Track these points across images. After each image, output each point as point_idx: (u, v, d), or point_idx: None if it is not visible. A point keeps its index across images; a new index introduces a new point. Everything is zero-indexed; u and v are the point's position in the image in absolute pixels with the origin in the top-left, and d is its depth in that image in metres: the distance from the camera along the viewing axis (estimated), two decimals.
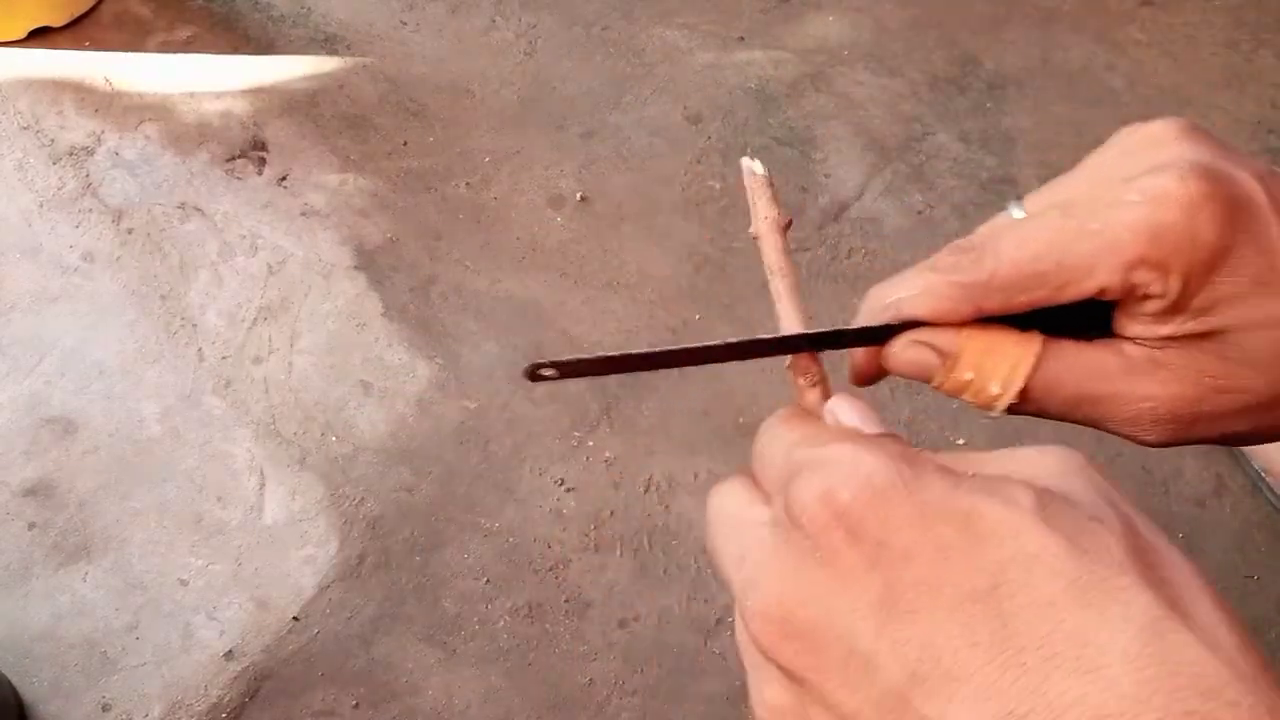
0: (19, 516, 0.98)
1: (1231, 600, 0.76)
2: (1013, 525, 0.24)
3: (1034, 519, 0.24)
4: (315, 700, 0.90)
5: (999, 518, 0.24)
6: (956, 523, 0.24)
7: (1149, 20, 1.35)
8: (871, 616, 0.24)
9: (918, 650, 0.23)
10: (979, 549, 0.24)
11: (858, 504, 0.25)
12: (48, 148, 1.22)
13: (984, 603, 0.23)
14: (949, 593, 0.23)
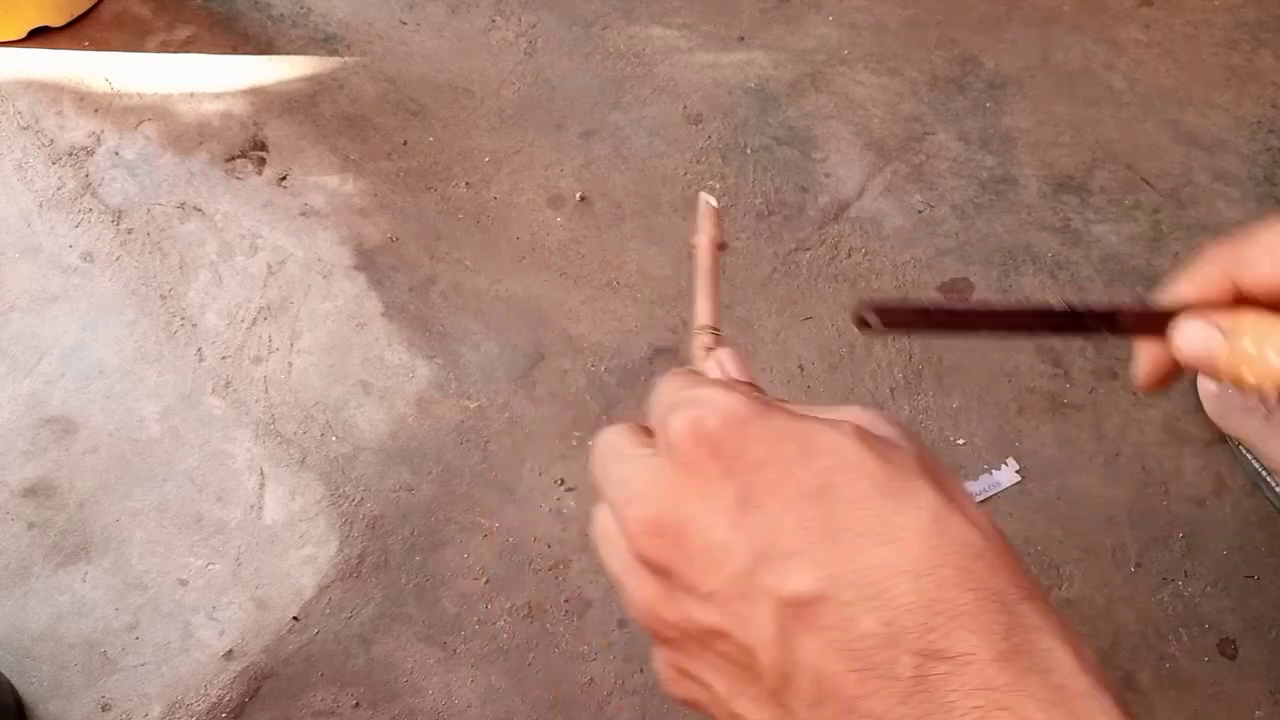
0: (18, 516, 0.98)
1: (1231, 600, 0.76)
2: (838, 443, 0.31)
3: (854, 439, 0.31)
4: (315, 700, 0.90)
5: (829, 438, 0.31)
6: (797, 441, 0.31)
7: (1149, 20, 1.35)
8: (727, 514, 0.30)
9: (764, 536, 0.29)
10: (813, 459, 0.30)
11: (720, 429, 0.31)
12: (47, 148, 1.22)
13: (815, 498, 0.30)
14: (789, 492, 0.30)
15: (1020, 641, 0.28)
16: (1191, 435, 1.02)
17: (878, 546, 0.29)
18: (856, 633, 0.28)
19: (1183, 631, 0.93)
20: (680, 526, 0.31)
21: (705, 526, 0.30)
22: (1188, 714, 0.90)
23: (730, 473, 0.30)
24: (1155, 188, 1.20)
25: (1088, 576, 0.95)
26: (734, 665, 0.31)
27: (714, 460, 0.31)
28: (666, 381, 0.36)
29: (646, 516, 0.31)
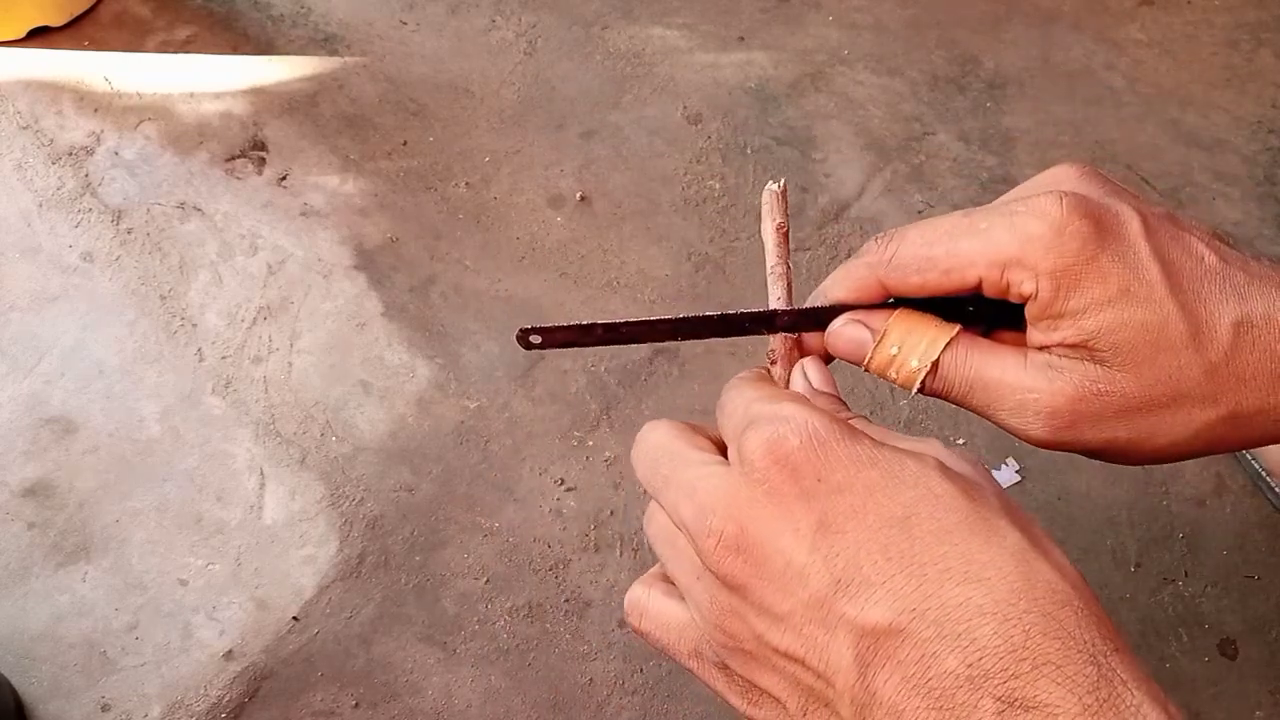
0: (18, 516, 0.98)
1: (1232, 600, 0.77)
2: (923, 474, 0.30)
3: (939, 472, 0.30)
4: (315, 700, 0.90)
5: (913, 469, 0.30)
6: (880, 469, 0.30)
7: (1149, 20, 1.35)
8: (808, 537, 0.30)
9: (843, 562, 0.29)
10: (897, 488, 0.30)
11: (802, 449, 0.31)
12: (47, 147, 1.22)
13: (898, 528, 0.29)
14: (872, 519, 0.29)
15: (1108, 696, 0.27)
16: None
17: (961, 584, 0.28)
18: (937, 671, 0.27)
19: (1183, 631, 0.93)
20: (759, 546, 0.30)
21: (784, 548, 0.30)
22: (1188, 714, 0.90)
23: (811, 495, 0.30)
24: (1155, 188, 1.20)
25: (1088, 576, 0.95)
26: (806, 689, 0.30)
27: (794, 482, 0.30)
28: (740, 389, 0.36)
29: (726, 532, 0.31)
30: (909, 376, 0.38)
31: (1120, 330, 0.34)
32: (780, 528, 0.30)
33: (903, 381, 0.39)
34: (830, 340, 0.40)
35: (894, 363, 0.38)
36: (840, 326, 0.39)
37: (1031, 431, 0.36)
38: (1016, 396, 0.36)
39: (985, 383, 0.37)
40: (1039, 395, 0.36)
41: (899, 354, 0.38)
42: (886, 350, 0.39)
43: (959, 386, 0.37)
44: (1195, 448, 0.36)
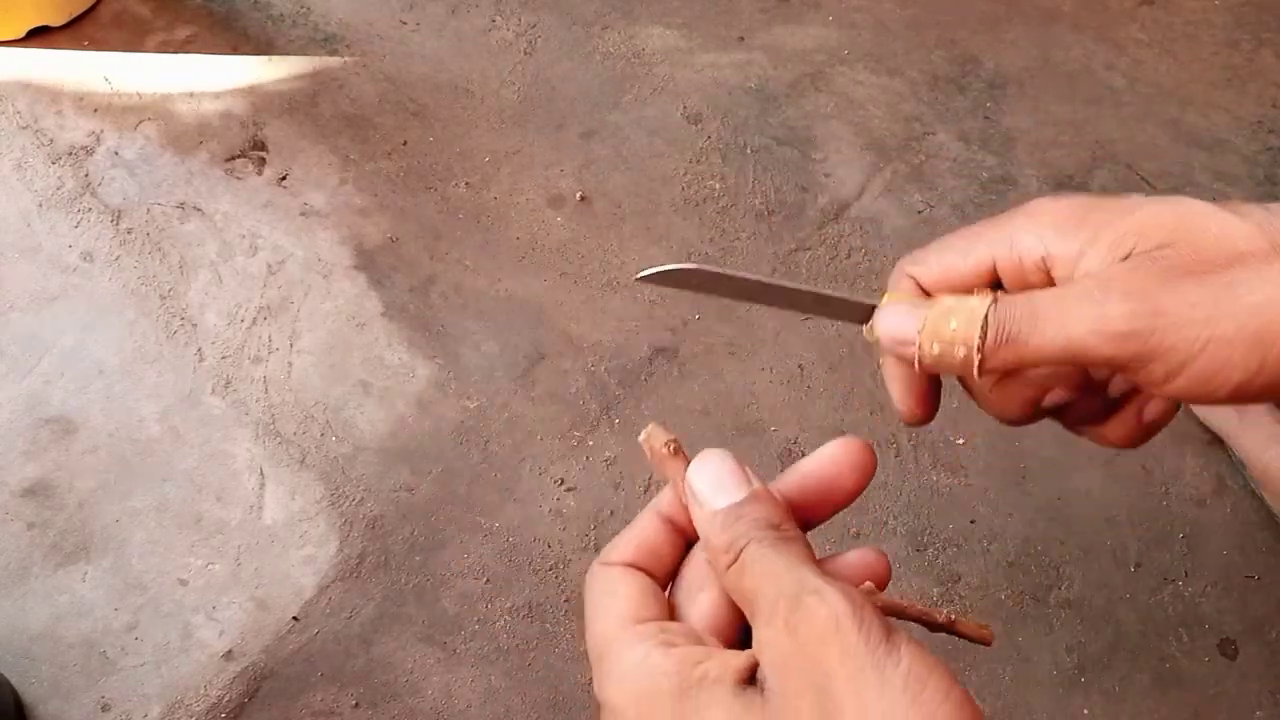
0: (18, 516, 0.98)
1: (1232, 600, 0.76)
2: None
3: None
4: (315, 700, 0.90)
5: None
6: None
7: (1149, 19, 1.35)
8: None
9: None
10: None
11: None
12: (47, 147, 1.22)
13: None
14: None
15: None
16: (1191, 435, 1.02)
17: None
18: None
19: (1183, 631, 0.93)
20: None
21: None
22: (1188, 714, 0.90)
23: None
24: (1155, 187, 1.20)
25: (1088, 577, 0.95)
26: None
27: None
28: (589, 598, 0.35)
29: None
30: (970, 318, 0.36)
31: (1143, 224, 0.34)
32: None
33: (964, 329, 0.36)
34: (883, 322, 0.39)
35: (950, 313, 0.37)
36: (889, 306, 0.39)
37: (1110, 309, 0.33)
38: (1083, 285, 0.34)
39: (1050, 293, 0.35)
40: (1102, 275, 0.34)
41: (954, 305, 0.37)
42: (943, 306, 0.37)
43: (1024, 308, 0.35)
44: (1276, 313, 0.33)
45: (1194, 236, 0.33)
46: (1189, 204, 0.34)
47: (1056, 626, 0.93)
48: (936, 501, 0.99)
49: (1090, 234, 0.35)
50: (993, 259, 0.37)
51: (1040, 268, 0.36)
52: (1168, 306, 0.33)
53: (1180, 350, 0.33)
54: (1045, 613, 0.94)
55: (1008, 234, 0.37)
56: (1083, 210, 0.36)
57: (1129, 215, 0.35)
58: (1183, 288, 0.33)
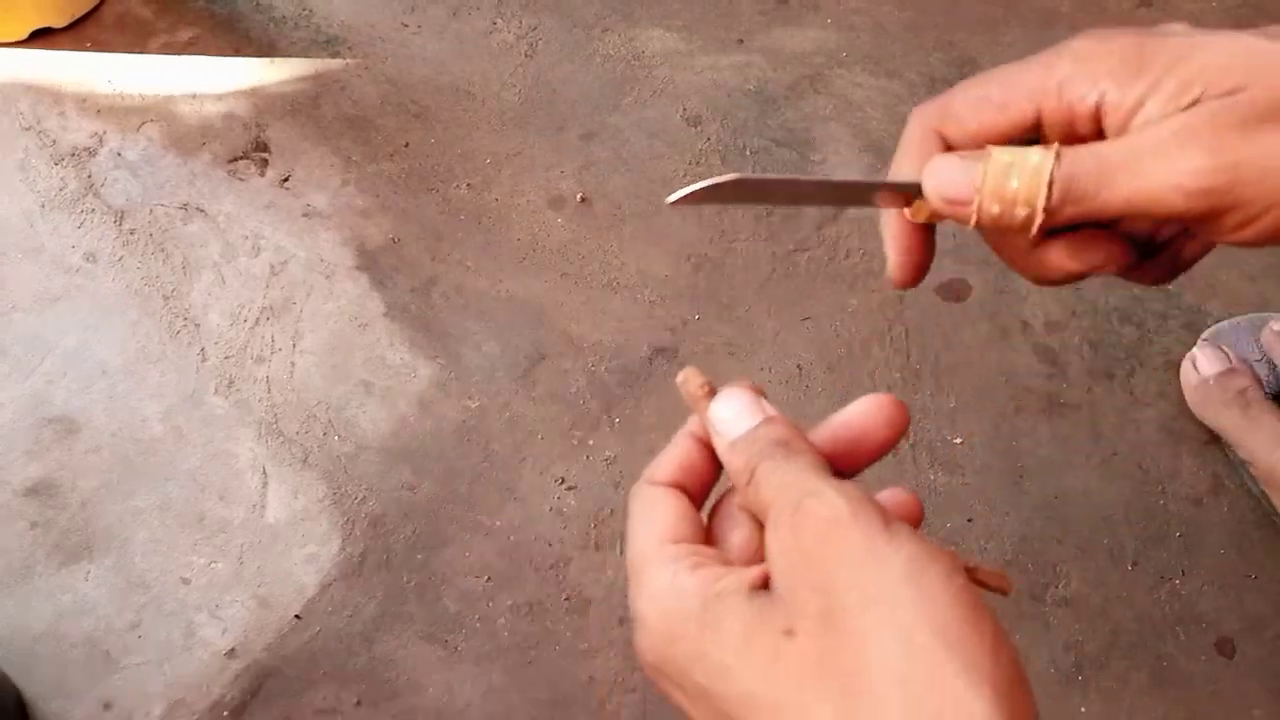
0: (21, 516, 0.99)
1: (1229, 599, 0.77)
2: (726, 666, 0.30)
3: (737, 657, 0.30)
4: (317, 698, 0.90)
5: (717, 661, 0.30)
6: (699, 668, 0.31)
7: (1147, 21, 1.35)
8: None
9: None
10: (714, 690, 0.30)
11: (654, 663, 0.32)
12: (49, 148, 1.22)
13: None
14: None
15: None
16: (1188, 434, 1.03)
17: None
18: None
19: (1180, 630, 0.93)
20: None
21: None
22: (1185, 713, 0.90)
23: (680, 695, 0.32)
24: None
25: (1085, 576, 0.96)
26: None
27: (666, 685, 0.32)
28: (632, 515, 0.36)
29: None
30: (1034, 174, 0.33)
31: (1207, 69, 0.32)
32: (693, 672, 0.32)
33: (1027, 187, 0.33)
34: (936, 175, 0.36)
35: (1012, 169, 0.33)
36: (941, 158, 0.35)
37: (1191, 163, 0.32)
38: (1156, 137, 0.32)
39: (1119, 146, 0.33)
40: (1176, 126, 0.32)
41: (1014, 160, 0.33)
42: (1000, 159, 0.34)
43: (1092, 160, 0.33)
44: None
45: (1266, 79, 0.32)
46: (1251, 42, 0.32)
47: (1053, 625, 0.93)
48: (934, 500, 0.99)
49: (1152, 80, 0.32)
50: (1038, 110, 0.34)
51: (1093, 117, 0.34)
52: (1248, 157, 0.32)
53: (1259, 201, 0.32)
54: (1042, 611, 0.94)
55: (1054, 81, 0.34)
56: (1138, 51, 0.33)
57: (1191, 58, 0.32)
58: (1261, 136, 0.32)
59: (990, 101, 0.36)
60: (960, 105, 0.36)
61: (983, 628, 0.28)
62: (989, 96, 0.36)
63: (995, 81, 0.36)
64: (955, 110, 0.37)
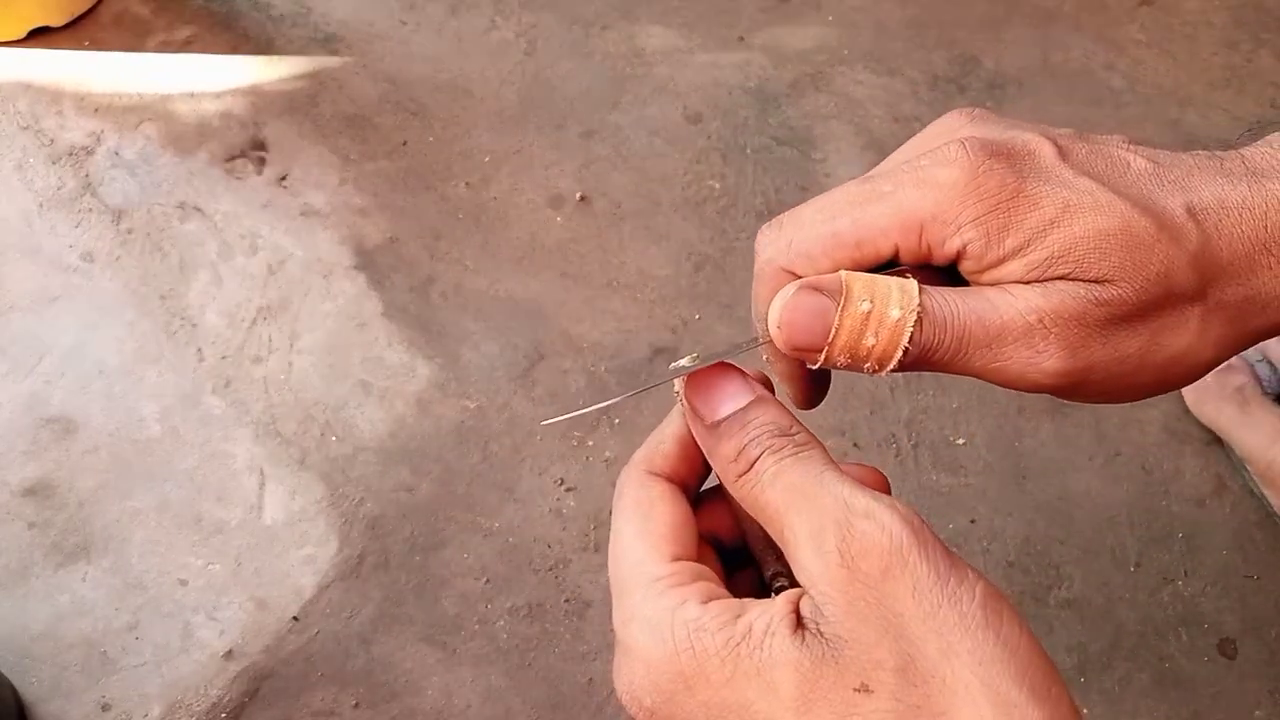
0: (19, 516, 0.98)
1: (1231, 600, 0.76)
2: (773, 716, 0.27)
3: (793, 715, 0.27)
4: (315, 700, 0.90)
5: (765, 714, 0.27)
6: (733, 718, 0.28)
7: (1148, 20, 1.35)
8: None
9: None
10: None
11: (655, 710, 0.29)
12: (47, 148, 1.22)
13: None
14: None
15: None
16: (1191, 435, 1.02)
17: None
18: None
19: (1182, 631, 0.93)
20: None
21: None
22: (1188, 714, 0.90)
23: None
24: None
25: (1088, 576, 0.95)
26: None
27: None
28: (619, 518, 0.33)
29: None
30: (892, 334, 0.31)
31: (1078, 245, 0.31)
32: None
33: (884, 345, 0.31)
34: (787, 319, 0.32)
35: (870, 322, 0.31)
36: (795, 295, 0.32)
37: (1046, 362, 0.31)
38: (1022, 322, 0.31)
39: (982, 319, 0.31)
40: (1043, 314, 0.31)
41: (874, 307, 0.31)
42: (856, 307, 0.31)
43: (953, 332, 0.31)
44: (1206, 353, 0.32)
45: (1135, 274, 0.31)
46: (1129, 220, 0.31)
47: (1056, 626, 0.93)
48: (936, 501, 0.99)
49: (1019, 241, 0.31)
50: (895, 248, 0.32)
51: (952, 257, 0.32)
52: (1102, 360, 0.32)
53: (1096, 388, 0.33)
54: (1045, 613, 0.94)
55: (917, 220, 0.32)
56: (1008, 200, 0.31)
57: (1064, 229, 0.31)
58: (1117, 339, 0.31)
59: (842, 239, 0.32)
60: (810, 244, 0.33)
61: (1051, 673, 0.27)
62: (840, 234, 0.32)
63: (845, 216, 0.32)
64: (805, 250, 0.33)
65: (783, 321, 0.32)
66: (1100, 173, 0.32)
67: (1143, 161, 0.33)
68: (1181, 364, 0.32)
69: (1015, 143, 0.32)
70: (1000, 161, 0.31)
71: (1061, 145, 0.33)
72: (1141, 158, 0.33)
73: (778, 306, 0.32)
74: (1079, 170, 0.32)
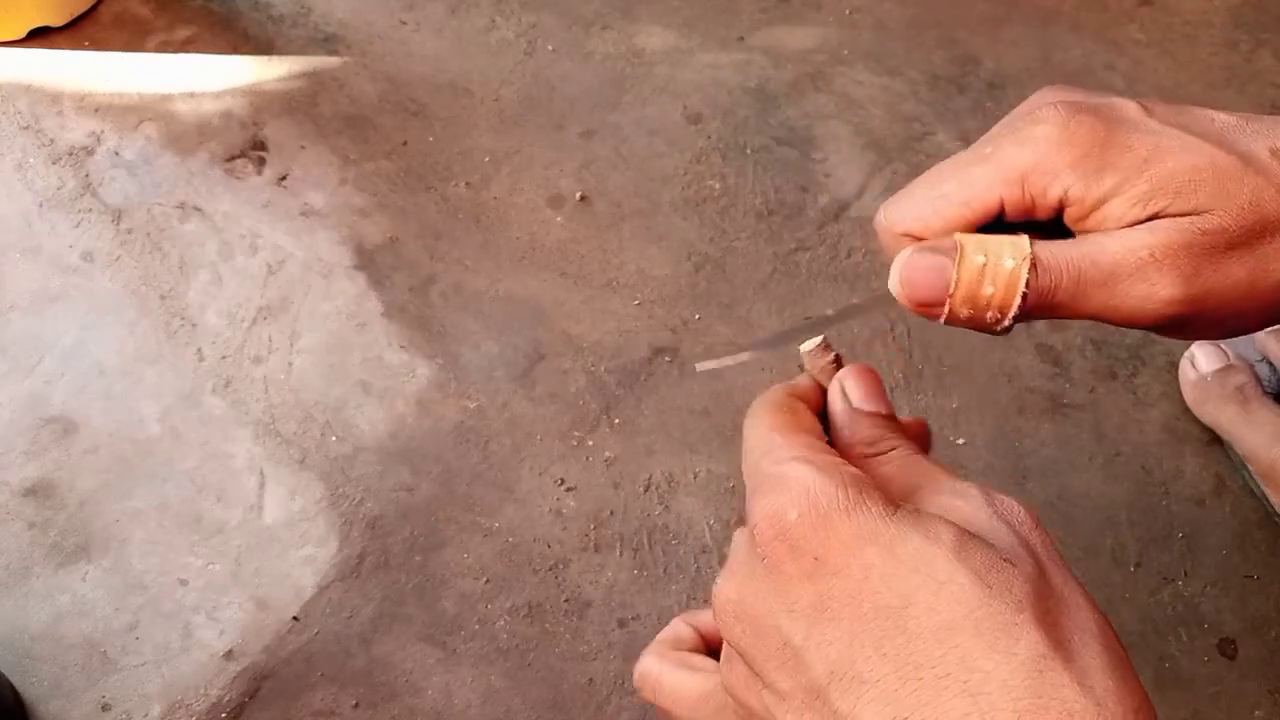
0: (19, 516, 0.98)
1: (1231, 600, 0.76)
2: (928, 555, 0.27)
3: (948, 552, 0.27)
4: (315, 700, 0.90)
5: (917, 547, 0.27)
6: (881, 547, 0.28)
7: (1148, 20, 1.35)
8: (803, 618, 0.28)
9: (837, 652, 0.27)
10: (896, 572, 0.27)
11: (800, 524, 0.29)
12: (47, 148, 1.22)
13: (895, 619, 0.27)
14: (867, 606, 0.27)
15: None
16: (1191, 435, 1.03)
17: (957, 696, 0.25)
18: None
19: (1182, 631, 0.93)
20: (757, 620, 0.29)
21: (781, 626, 0.28)
22: (1187, 714, 0.90)
23: (809, 575, 0.28)
24: None
25: (1087, 576, 0.95)
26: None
27: (792, 559, 0.29)
28: (756, 427, 0.35)
29: (725, 601, 0.30)
30: (1009, 283, 0.33)
31: (1173, 179, 0.33)
32: (776, 605, 0.29)
33: (1002, 295, 0.33)
34: (906, 277, 0.35)
35: (985, 275, 0.33)
36: (911, 256, 0.35)
37: (1163, 291, 0.33)
38: (1134, 258, 0.33)
39: (1095, 260, 0.33)
40: (1153, 248, 0.32)
41: (988, 260, 0.33)
42: (973, 260, 0.33)
43: (1069, 275, 0.33)
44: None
45: (1229, 202, 0.33)
46: (1214, 155, 0.33)
47: None
48: None
49: (1115, 181, 0.33)
50: (1000, 201, 0.34)
51: (1055, 207, 0.34)
52: (1216, 288, 0.33)
53: (1214, 318, 0.34)
54: None
55: (1018, 173, 0.34)
56: (1101, 146, 0.33)
57: (1156, 165, 0.33)
58: (1225, 266, 0.33)
59: (951, 200, 0.35)
60: (922, 206, 0.36)
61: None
62: (949, 195, 0.35)
63: (951, 179, 0.35)
64: (917, 214, 0.36)
65: (904, 280, 0.35)
66: (1185, 123, 0.34)
67: (1224, 116, 0.35)
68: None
69: (1104, 102, 0.35)
70: (1089, 114, 0.34)
71: (1147, 104, 0.35)
72: (1222, 114, 0.35)
73: (897, 267, 0.35)
74: (1164, 121, 0.34)
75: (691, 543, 0.97)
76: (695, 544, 0.97)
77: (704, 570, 0.94)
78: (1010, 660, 0.25)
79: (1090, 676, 0.25)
